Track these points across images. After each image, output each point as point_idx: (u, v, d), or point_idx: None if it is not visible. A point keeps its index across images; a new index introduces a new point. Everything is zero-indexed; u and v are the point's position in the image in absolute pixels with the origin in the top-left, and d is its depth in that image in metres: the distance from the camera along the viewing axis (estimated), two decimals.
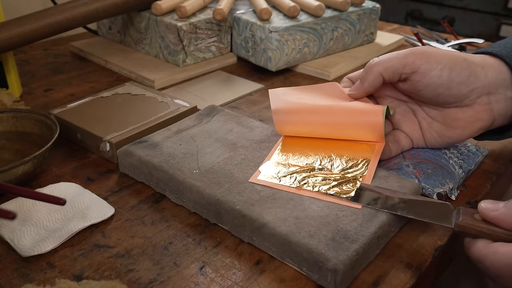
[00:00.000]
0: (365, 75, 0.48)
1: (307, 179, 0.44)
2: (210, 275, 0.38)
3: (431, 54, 0.45)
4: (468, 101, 0.46)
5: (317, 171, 0.45)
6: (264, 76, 0.75)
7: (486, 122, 0.47)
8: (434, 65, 0.45)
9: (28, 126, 0.54)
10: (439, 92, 0.46)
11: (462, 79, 0.45)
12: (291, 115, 0.50)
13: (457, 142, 0.50)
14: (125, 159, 0.49)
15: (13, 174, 0.45)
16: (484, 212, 0.38)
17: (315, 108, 0.49)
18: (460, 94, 0.46)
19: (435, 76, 0.45)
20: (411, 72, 0.45)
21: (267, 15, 0.73)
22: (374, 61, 0.47)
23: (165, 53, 0.76)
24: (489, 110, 0.47)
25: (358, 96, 0.49)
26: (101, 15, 0.70)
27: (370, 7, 0.83)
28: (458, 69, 0.45)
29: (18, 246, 0.39)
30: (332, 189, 0.43)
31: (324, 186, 0.43)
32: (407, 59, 0.45)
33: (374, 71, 0.47)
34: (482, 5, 1.86)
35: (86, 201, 0.45)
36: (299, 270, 0.38)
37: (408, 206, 0.41)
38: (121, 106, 0.59)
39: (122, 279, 0.37)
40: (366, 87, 0.48)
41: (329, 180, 0.44)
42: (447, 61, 0.45)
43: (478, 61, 0.46)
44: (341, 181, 0.44)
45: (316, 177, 0.45)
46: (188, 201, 0.45)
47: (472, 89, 0.46)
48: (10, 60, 0.65)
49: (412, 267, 0.39)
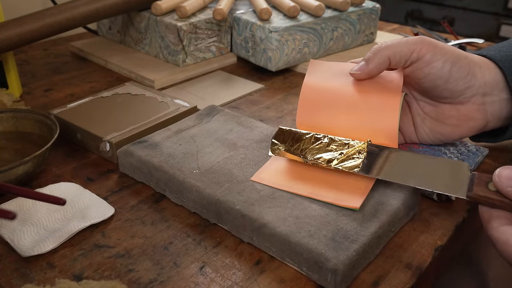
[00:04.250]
0: (373, 57, 0.47)
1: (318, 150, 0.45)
2: (210, 275, 0.38)
3: (437, 45, 0.46)
4: (463, 98, 0.47)
5: (328, 141, 0.46)
6: (264, 76, 0.75)
7: (479, 121, 0.48)
8: (438, 57, 0.46)
9: (28, 126, 0.54)
10: (437, 84, 0.47)
11: (461, 75, 0.46)
12: (318, 94, 0.49)
13: (448, 139, 0.50)
14: (125, 159, 0.49)
15: (13, 174, 0.45)
16: (498, 186, 0.36)
17: (339, 96, 0.48)
18: (456, 90, 0.47)
19: (437, 67, 0.46)
20: (416, 59, 0.46)
21: (267, 15, 0.73)
22: (383, 45, 0.47)
23: (165, 53, 0.76)
24: (482, 110, 0.48)
25: (361, 77, 0.47)
26: (101, 15, 0.70)
27: (370, 7, 0.83)
28: (458, 65, 0.46)
29: (18, 246, 0.39)
30: (343, 162, 0.43)
31: (336, 155, 0.44)
32: (415, 46, 0.46)
33: (383, 54, 0.46)
34: (482, 5, 1.86)
35: (86, 201, 0.45)
36: (299, 270, 0.38)
37: (418, 173, 0.40)
38: (121, 106, 0.59)
39: (122, 279, 0.37)
40: (371, 69, 0.47)
41: (341, 150, 0.44)
42: (451, 55, 0.46)
43: (477, 61, 0.47)
44: (351, 153, 0.44)
45: (329, 147, 0.45)
46: (188, 201, 0.45)
47: (468, 87, 0.47)
48: (10, 60, 0.65)
49: (412, 267, 0.39)
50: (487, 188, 0.37)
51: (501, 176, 0.36)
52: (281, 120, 0.62)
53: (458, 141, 0.54)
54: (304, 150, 0.45)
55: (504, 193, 0.36)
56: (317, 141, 0.46)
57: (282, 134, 0.47)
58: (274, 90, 0.71)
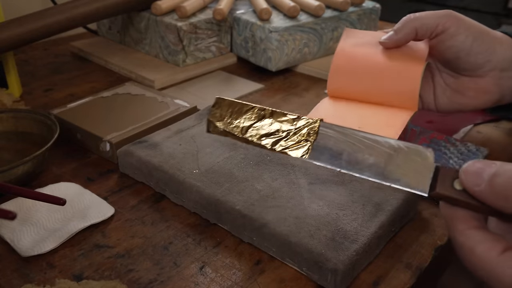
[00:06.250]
0: (401, 27, 0.50)
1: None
2: (210, 275, 0.38)
3: (462, 19, 0.49)
4: (481, 72, 0.50)
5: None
6: (264, 76, 0.75)
7: (495, 95, 0.51)
8: (461, 30, 0.49)
9: (28, 126, 0.54)
10: (459, 56, 0.50)
11: (481, 50, 0.49)
12: (349, 61, 0.53)
13: (465, 109, 0.53)
14: (125, 159, 0.49)
15: (13, 174, 0.45)
16: (465, 184, 0.30)
17: (368, 62, 0.52)
18: (476, 63, 0.50)
19: (459, 40, 0.49)
20: (441, 31, 0.49)
21: (267, 15, 0.73)
22: (411, 16, 0.50)
23: (165, 53, 0.76)
24: (499, 85, 0.50)
25: (390, 46, 0.52)
26: (101, 15, 0.70)
27: (370, 7, 0.83)
28: (480, 40, 0.49)
29: (18, 246, 0.39)
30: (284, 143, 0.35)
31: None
32: (441, 19, 0.49)
33: (410, 26, 0.49)
34: (482, 5, 1.86)
35: (86, 201, 0.45)
36: (299, 270, 0.38)
37: (376, 162, 0.33)
38: (121, 106, 0.59)
39: (122, 279, 0.37)
40: (399, 38, 0.50)
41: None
42: (474, 30, 0.49)
43: (499, 37, 0.50)
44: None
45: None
46: (188, 201, 0.45)
47: (488, 61, 0.49)
48: (10, 60, 0.65)
49: (412, 267, 0.39)
50: (452, 186, 0.30)
51: (468, 172, 0.29)
52: None
53: (458, 141, 0.54)
54: (245, 129, 0.37)
55: (471, 193, 0.29)
56: (260, 117, 0.37)
57: (220, 108, 0.37)
58: (274, 90, 0.71)
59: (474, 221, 0.30)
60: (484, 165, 0.29)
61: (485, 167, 0.29)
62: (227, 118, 0.37)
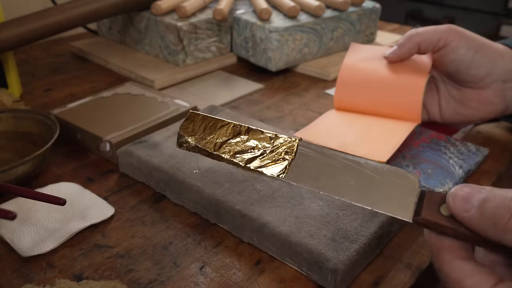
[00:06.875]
0: (404, 42, 0.52)
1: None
2: (210, 275, 0.38)
3: (463, 34, 0.51)
4: (484, 84, 0.51)
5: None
6: (264, 76, 0.75)
7: (498, 106, 0.52)
8: (463, 44, 0.50)
9: (28, 126, 0.54)
10: (460, 69, 0.51)
11: (482, 63, 0.50)
12: (355, 75, 0.56)
13: (470, 120, 0.55)
14: (125, 159, 0.49)
15: (13, 174, 0.45)
16: (452, 210, 0.28)
17: (373, 76, 0.55)
18: (477, 75, 0.51)
19: (461, 54, 0.50)
20: (443, 46, 0.51)
21: (267, 15, 0.73)
22: (414, 31, 0.52)
23: (165, 53, 0.76)
24: (502, 96, 0.52)
25: (394, 60, 0.54)
26: (101, 15, 0.70)
27: (370, 7, 0.83)
28: (481, 53, 0.50)
29: (18, 246, 0.39)
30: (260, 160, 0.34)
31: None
32: (443, 34, 0.51)
33: (413, 40, 0.52)
34: (482, 5, 1.86)
35: (86, 201, 0.45)
36: (299, 270, 0.38)
37: (357, 185, 0.31)
38: (121, 106, 0.59)
39: (122, 279, 0.37)
40: (402, 52, 0.53)
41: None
42: (475, 43, 0.50)
43: (500, 49, 0.51)
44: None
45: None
46: (188, 201, 0.45)
47: (489, 73, 0.51)
48: (10, 60, 0.64)
49: (412, 267, 0.39)
50: (438, 212, 0.29)
51: (456, 197, 0.28)
52: (281, 120, 0.62)
53: (458, 141, 0.54)
54: (218, 145, 0.35)
55: (459, 219, 0.28)
56: (236, 134, 0.35)
57: (192, 123, 0.36)
58: (274, 90, 0.71)
59: (461, 251, 0.29)
60: (473, 189, 0.28)
61: (475, 192, 0.28)
62: (200, 133, 0.35)
